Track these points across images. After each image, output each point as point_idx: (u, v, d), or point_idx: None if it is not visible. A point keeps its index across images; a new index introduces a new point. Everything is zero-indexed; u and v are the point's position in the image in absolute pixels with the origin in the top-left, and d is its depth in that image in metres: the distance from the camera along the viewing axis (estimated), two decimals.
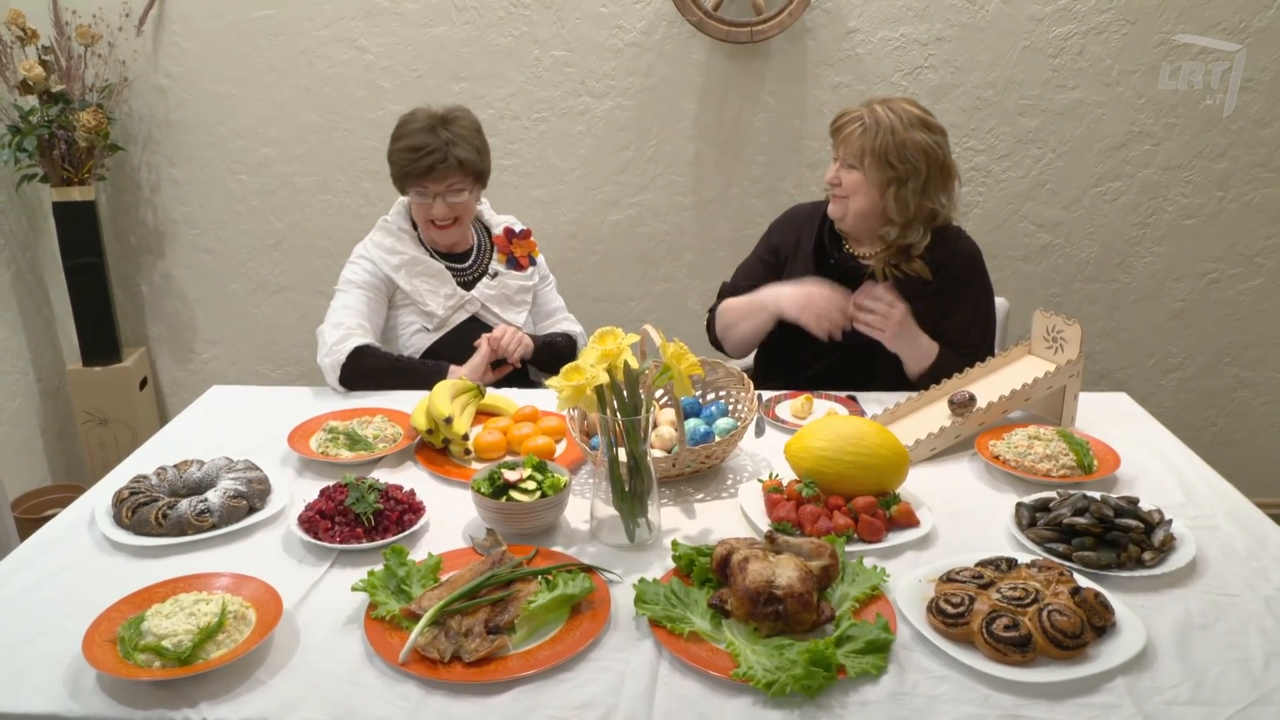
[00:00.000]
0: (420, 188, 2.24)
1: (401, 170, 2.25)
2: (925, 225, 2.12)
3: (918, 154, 2.04)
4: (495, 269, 2.41)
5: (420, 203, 2.27)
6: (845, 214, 2.15)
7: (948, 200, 2.13)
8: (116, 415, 3.20)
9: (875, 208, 2.11)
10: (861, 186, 2.09)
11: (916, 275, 2.14)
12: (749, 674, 1.14)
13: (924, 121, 2.07)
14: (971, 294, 2.20)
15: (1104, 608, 1.22)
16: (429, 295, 2.31)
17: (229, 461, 1.67)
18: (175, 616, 1.19)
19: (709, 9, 2.82)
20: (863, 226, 2.17)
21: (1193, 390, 3.24)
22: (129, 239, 3.27)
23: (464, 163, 2.22)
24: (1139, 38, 2.86)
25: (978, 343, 2.20)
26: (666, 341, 1.53)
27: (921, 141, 2.04)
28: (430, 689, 1.15)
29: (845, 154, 2.11)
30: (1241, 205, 3.02)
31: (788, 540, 1.34)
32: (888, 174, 2.06)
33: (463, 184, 2.25)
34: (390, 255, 2.31)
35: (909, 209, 2.08)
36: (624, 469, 1.47)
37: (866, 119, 2.07)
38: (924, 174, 2.06)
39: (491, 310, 2.38)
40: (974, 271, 2.21)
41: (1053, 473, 1.67)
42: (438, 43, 2.99)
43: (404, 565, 1.34)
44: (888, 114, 2.05)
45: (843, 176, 2.12)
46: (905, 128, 2.04)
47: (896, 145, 2.03)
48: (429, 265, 2.32)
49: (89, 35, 2.89)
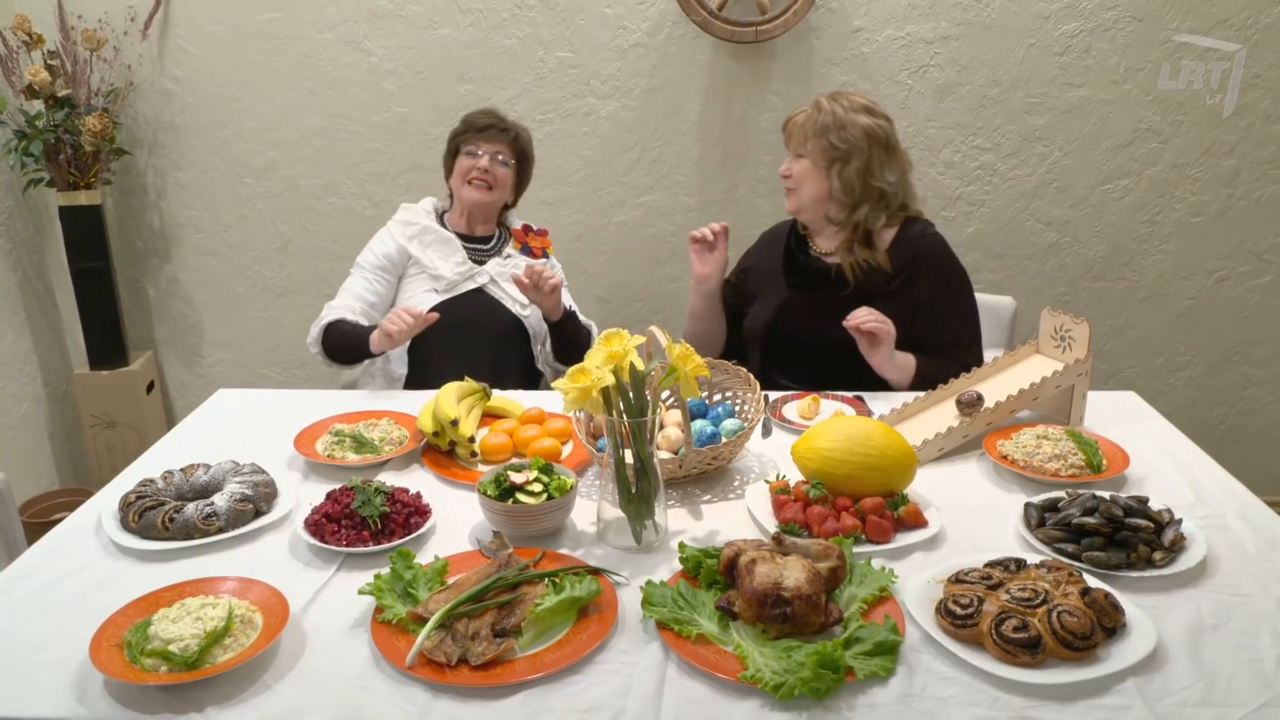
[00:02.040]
0: (473, 145, 2.45)
1: (464, 126, 2.48)
2: (875, 206, 2.18)
3: (858, 133, 2.14)
4: (509, 253, 2.52)
5: (466, 160, 2.45)
6: (799, 204, 2.25)
7: (896, 180, 2.20)
8: (123, 419, 3.21)
9: (824, 191, 2.20)
10: (809, 172, 2.20)
11: (878, 267, 2.18)
12: (757, 676, 1.13)
13: (867, 108, 2.18)
14: (940, 287, 2.20)
15: (1114, 608, 1.22)
16: (439, 261, 2.43)
17: (235, 465, 1.67)
18: (182, 621, 1.19)
19: (714, 9, 2.81)
20: (815, 214, 2.25)
21: (1202, 388, 3.23)
22: (135, 243, 3.27)
23: (519, 138, 2.51)
24: (1146, 35, 2.85)
25: (957, 338, 2.19)
26: (673, 343, 1.53)
27: (863, 122, 2.15)
28: (437, 692, 1.15)
29: (793, 145, 2.24)
30: (1250, 202, 3.01)
31: (795, 542, 1.33)
32: (831, 154, 2.16)
33: (509, 158, 2.48)
34: (406, 227, 2.46)
35: (855, 189, 2.17)
36: (630, 471, 1.46)
37: (810, 109, 2.20)
38: (866, 152, 2.15)
39: (500, 285, 2.46)
40: (941, 263, 2.21)
41: (1061, 472, 1.66)
42: (442, 45, 2.99)
43: (410, 568, 1.33)
44: (831, 103, 2.18)
45: (793, 167, 2.23)
46: (848, 112, 2.15)
47: (837, 126, 2.15)
48: (441, 234, 2.46)
49: (94, 40, 2.90)
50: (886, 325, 2.01)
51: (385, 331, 2.15)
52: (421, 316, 2.13)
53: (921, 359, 2.12)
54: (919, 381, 2.09)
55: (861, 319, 2.00)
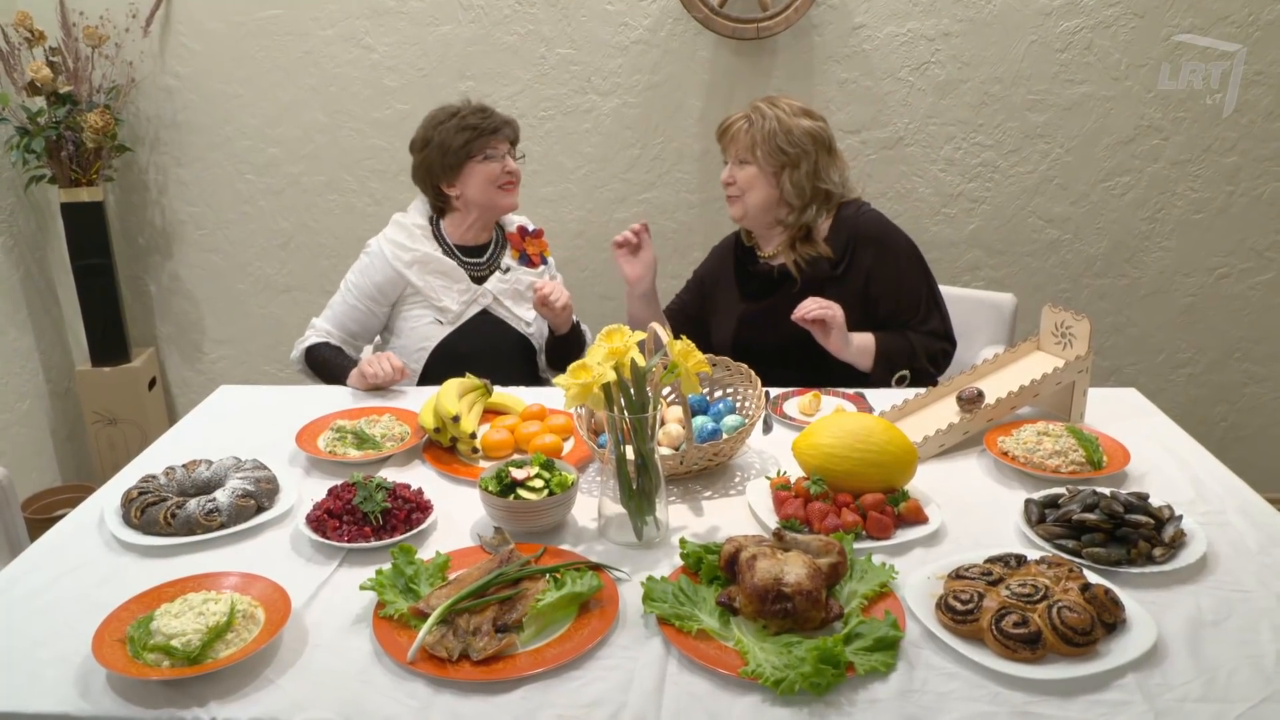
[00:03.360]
0: (491, 148, 2.31)
1: (474, 133, 2.30)
2: (821, 206, 2.22)
3: (805, 137, 2.17)
4: (508, 264, 2.44)
5: (489, 165, 2.32)
6: (745, 211, 2.26)
7: (839, 179, 2.24)
8: (125, 415, 3.21)
9: (771, 198, 2.22)
10: (756, 179, 2.21)
11: (820, 256, 2.20)
12: (757, 671, 1.13)
13: (806, 111, 2.21)
14: (890, 261, 2.22)
15: (1114, 604, 1.22)
16: (443, 292, 2.35)
17: (237, 461, 1.67)
18: (184, 616, 1.19)
19: (715, 5, 2.81)
20: (763, 220, 2.26)
21: (1203, 385, 3.23)
22: (137, 240, 3.28)
23: (517, 133, 2.40)
24: (1147, 31, 2.85)
25: (918, 308, 2.21)
26: (674, 339, 1.53)
27: (807, 126, 2.19)
28: (439, 688, 1.15)
29: (736, 151, 2.23)
30: (1251, 199, 3.00)
31: (796, 537, 1.33)
32: (780, 159, 2.18)
33: (519, 152, 2.40)
34: (403, 252, 2.34)
35: (805, 191, 2.20)
36: (631, 467, 1.47)
37: (751, 115, 2.21)
38: (814, 156, 2.19)
39: (503, 304, 2.40)
40: (881, 242, 2.23)
41: (1062, 469, 1.66)
42: (444, 41, 3.00)
43: (412, 564, 1.34)
44: (770, 108, 2.19)
45: (736, 174, 2.23)
46: (790, 116, 2.18)
47: (784, 131, 2.17)
48: (442, 263, 2.35)
49: (96, 36, 2.90)
50: (832, 309, 2.04)
51: (362, 373, 2.15)
52: (402, 372, 2.16)
53: (881, 335, 2.15)
54: (883, 359, 2.13)
55: (807, 309, 2.04)
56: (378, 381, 2.14)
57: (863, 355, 2.13)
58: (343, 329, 2.38)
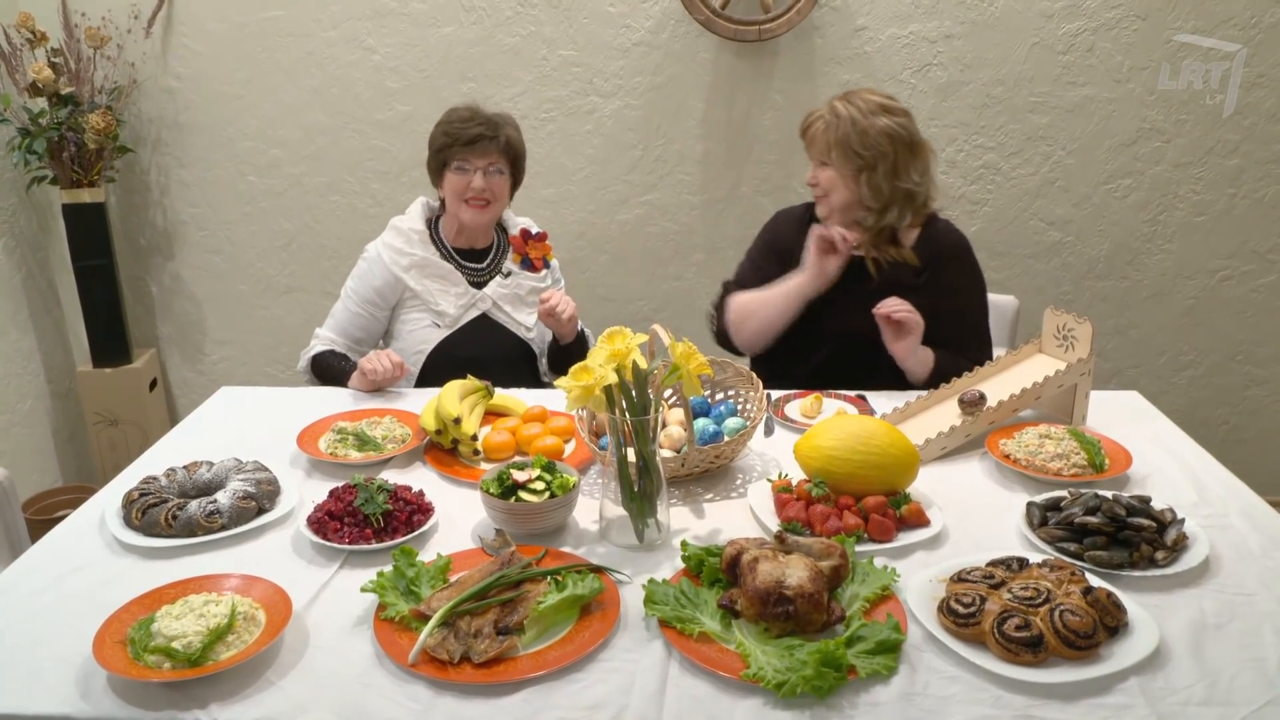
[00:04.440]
0: (463, 160, 2.27)
1: (448, 140, 2.27)
2: (903, 206, 2.15)
3: (881, 138, 2.10)
4: (509, 268, 2.42)
5: (459, 178, 2.28)
6: (830, 211, 2.21)
7: (921, 179, 2.17)
8: (126, 416, 3.21)
9: (853, 198, 2.16)
10: (836, 181, 2.15)
11: (905, 263, 2.17)
12: (759, 674, 1.13)
13: (884, 107, 2.12)
14: (963, 285, 2.21)
15: (1116, 607, 1.22)
16: (440, 295, 2.33)
17: (238, 462, 1.67)
18: (185, 618, 1.19)
19: (717, 7, 2.81)
20: (848, 220, 2.20)
21: (1205, 388, 3.22)
22: (138, 240, 3.28)
23: (510, 142, 2.31)
24: (1149, 34, 2.85)
25: (972, 335, 2.21)
26: (675, 341, 1.53)
27: (883, 125, 2.10)
28: (440, 690, 1.15)
29: (815, 153, 2.19)
30: (1253, 202, 3.00)
31: (797, 540, 1.33)
32: (856, 162, 2.12)
33: (502, 166, 2.31)
34: (400, 256, 2.33)
35: (883, 193, 2.13)
36: (633, 469, 1.47)
37: (828, 116, 2.14)
38: (891, 156, 2.11)
39: (503, 309, 2.39)
40: (964, 262, 2.22)
41: (1064, 472, 1.66)
42: (446, 43, 3.00)
43: (413, 566, 1.34)
44: (847, 107, 2.12)
45: (819, 176, 2.19)
46: (865, 115, 2.10)
47: (858, 134, 2.10)
48: (439, 266, 2.34)
49: (98, 37, 2.90)
50: (916, 316, 2.04)
51: (362, 371, 2.15)
52: (401, 367, 2.15)
53: (939, 353, 2.13)
54: (934, 376, 2.10)
55: (893, 308, 2.03)
56: (378, 378, 2.13)
57: (921, 366, 2.11)
58: (346, 335, 2.36)
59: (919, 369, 2.12)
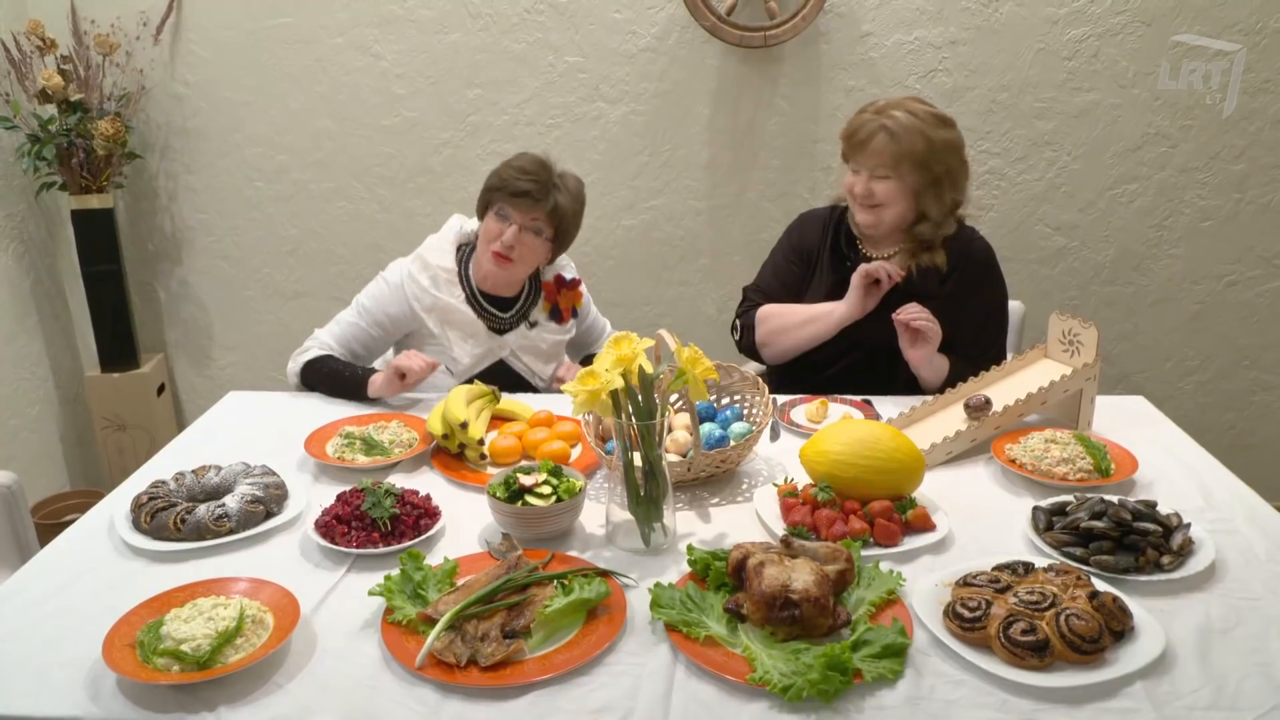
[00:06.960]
0: (504, 208, 2.15)
1: (500, 183, 2.16)
2: (950, 217, 2.16)
3: (947, 152, 2.08)
4: (536, 318, 2.32)
5: (495, 224, 2.16)
6: (879, 222, 2.14)
7: (968, 190, 2.17)
8: (135, 421, 3.22)
9: (909, 215, 2.13)
10: (898, 194, 2.10)
11: (934, 267, 2.15)
12: (765, 678, 1.13)
13: (940, 118, 2.09)
14: (988, 295, 2.21)
15: (1122, 612, 1.22)
16: (457, 344, 2.22)
17: (246, 467, 1.68)
18: (194, 621, 1.20)
19: (722, 14, 2.82)
20: (895, 233, 2.18)
21: (1211, 393, 3.22)
22: (146, 246, 3.29)
23: (559, 208, 2.18)
24: (1153, 39, 2.85)
25: (990, 344, 2.21)
26: (681, 346, 1.53)
27: (947, 138, 2.08)
28: (447, 693, 1.15)
29: (874, 164, 2.09)
30: (1259, 207, 3.00)
31: (803, 544, 1.33)
32: (926, 177, 2.08)
33: (544, 228, 2.18)
34: (423, 294, 2.21)
35: (945, 206, 2.12)
36: (639, 473, 1.47)
37: (890, 126, 2.05)
38: (956, 171, 2.10)
39: (521, 359, 2.29)
40: (990, 272, 2.22)
41: (1070, 476, 1.66)
42: (452, 49, 3.01)
43: (420, 570, 1.34)
44: (908, 117, 2.05)
45: (875, 188, 2.10)
46: (931, 128, 2.05)
47: (929, 149, 2.05)
48: (462, 315, 2.21)
49: (107, 44, 2.92)
50: (935, 326, 2.03)
51: (398, 373, 2.04)
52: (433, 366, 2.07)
53: (955, 361, 2.13)
54: (947, 385, 2.08)
55: (913, 315, 2.02)
56: (414, 378, 2.03)
57: (935, 375, 2.11)
58: (346, 347, 2.25)
59: (933, 377, 2.11)
